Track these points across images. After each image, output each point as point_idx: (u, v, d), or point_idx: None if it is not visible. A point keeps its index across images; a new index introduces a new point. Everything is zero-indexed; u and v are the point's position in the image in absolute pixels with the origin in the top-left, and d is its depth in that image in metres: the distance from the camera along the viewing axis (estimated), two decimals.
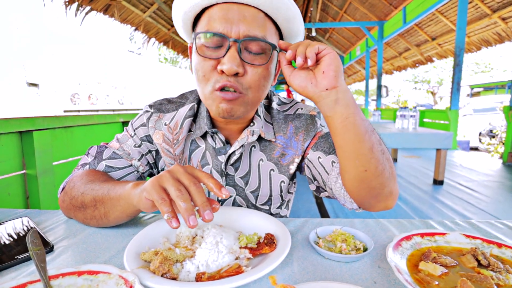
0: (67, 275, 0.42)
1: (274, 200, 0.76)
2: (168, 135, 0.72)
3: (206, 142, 0.72)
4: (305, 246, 0.56)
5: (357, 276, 0.46)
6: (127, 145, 0.73)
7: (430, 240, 0.53)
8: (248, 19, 0.55)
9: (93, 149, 0.73)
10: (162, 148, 0.73)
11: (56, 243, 0.58)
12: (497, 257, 0.48)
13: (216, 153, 0.71)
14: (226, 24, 0.55)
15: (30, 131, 1.39)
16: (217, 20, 0.55)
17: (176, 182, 0.44)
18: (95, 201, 0.58)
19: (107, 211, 0.57)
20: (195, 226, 0.41)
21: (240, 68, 0.55)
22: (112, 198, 0.55)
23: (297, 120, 0.74)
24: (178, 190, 0.43)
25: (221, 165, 0.71)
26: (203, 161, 0.72)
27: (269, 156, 0.73)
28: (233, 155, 0.70)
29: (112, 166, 0.70)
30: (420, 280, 0.41)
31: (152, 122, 0.73)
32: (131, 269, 0.42)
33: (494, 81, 15.14)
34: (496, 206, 2.33)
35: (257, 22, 0.56)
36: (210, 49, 0.57)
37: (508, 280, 0.41)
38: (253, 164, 0.73)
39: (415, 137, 2.85)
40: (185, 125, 0.71)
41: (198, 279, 0.42)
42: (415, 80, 21.22)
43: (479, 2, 5.49)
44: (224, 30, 0.55)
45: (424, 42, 8.10)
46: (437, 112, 5.84)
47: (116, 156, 0.71)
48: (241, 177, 0.73)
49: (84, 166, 0.71)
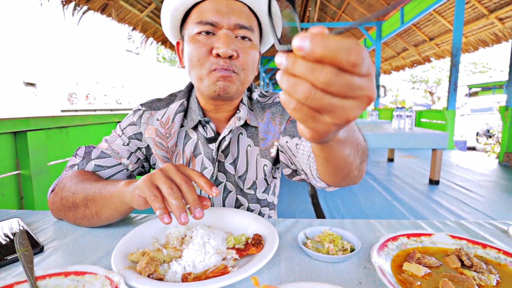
0: (54, 276, 0.42)
1: (259, 184, 0.79)
2: (161, 129, 0.76)
3: (197, 132, 0.75)
4: (294, 246, 0.57)
5: (343, 277, 0.46)
6: (116, 144, 0.75)
7: (416, 241, 0.53)
8: (237, 11, 0.63)
9: (81, 150, 0.74)
10: (155, 141, 0.76)
11: (46, 244, 0.58)
12: (481, 257, 0.49)
13: (207, 142, 0.74)
14: (218, 15, 0.61)
15: (24, 132, 1.39)
16: (209, 12, 0.62)
17: (168, 180, 0.46)
18: (86, 200, 0.59)
19: (99, 210, 0.58)
20: (186, 223, 0.43)
21: (233, 51, 0.61)
22: (104, 196, 0.56)
23: (274, 107, 0.78)
24: (170, 188, 0.45)
25: (212, 153, 0.74)
26: (196, 152, 0.75)
27: (256, 142, 0.77)
28: (223, 142, 0.74)
29: (101, 165, 0.72)
30: (403, 280, 0.41)
31: (144, 119, 0.77)
32: (118, 270, 0.42)
33: (492, 81, 15.20)
34: (490, 206, 2.34)
35: (244, 14, 0.64)
36: (203, 36, 0.63)
37: (490, 280, 0.42)
38: (241, 150, 0.76)
39: (411, 137, 2.86)
40: (177, 120, 0.75)
41: (184, 280, 0.42)
42: (413, 80, 21.26)
43: (476, 3, 5.51)
44: (217, 19, 0.61)
45: (422, 42, 8.13)
46: (434, 112, 5.86)
47: (105, 156, 0.73)
48: (230, 163, 0.76)
49: (73, 167, 0.72)
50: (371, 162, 4.21)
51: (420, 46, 8.34)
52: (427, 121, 5.99)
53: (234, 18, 0.62)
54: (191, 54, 0.64)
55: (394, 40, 9.03)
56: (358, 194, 2.74)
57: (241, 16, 0.63)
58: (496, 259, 0.48)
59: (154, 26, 6.44)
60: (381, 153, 4.98)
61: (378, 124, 4.00)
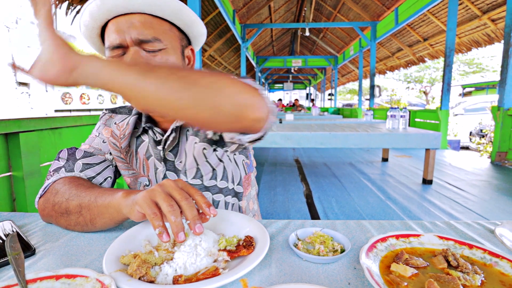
0: (45, 279, 0.42)
1: (203, 169, 0.76)
2: (116, 131, 0.80)
3: (148, 136, 0.78)
4: (285, 248, 0.57)
5: (332, 277, 0.47)
6: (96, 143, 0.79)
7: (404, 242, 0.54)
8: (136, 24, 0.62)
9: (63, 153, 0.75)
10: (109, 142, 0.80)
11: (38, 247, 0.58)
12: (467, 258, 0.50)
13: (156, 144, 0.77)
14: (119, 35, 0.62)
15: (16, 133, 1.38)
16: (112, 34, 0.63)
17: (167, 197, 0.47)
18: (80, 207, 0.59)
19: (94, 218, 0.58)
20: (183, 241, 0.45)
21: None
22: (100, 205, 0.57)
23: None
24: (169, 206, 0.46)
25: (160, 153, 0.76)
26: (147, 154, 0.78)
27: (201, 137, 0.77)
28: (167, 141, 0.75)
29: (88, 163, 0.74)
30: (390, 281, 0.42)
31: (103, 120, 0.83)
32: (109, 273, 0.43)
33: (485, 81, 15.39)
34: (482, 205, 2.38)
35: (145, 25, 0.63)
36: (117, 58, 0.64)
37: (475, 280, 0.43)
38: (189, 147, 0.77)
39: (405, 137, 2.89)
40: (131, 122, 0.78)
41: (175, 282, 0.43)
42: (407, 80, 21.43)
43: (469, 4, 5.57)
44: (120, 39, 0.62)
45: (416, 42, 8.20)
46: (428, 112, 5.92)
47: (90, 154, 0.76)
48: (181, 161, 0.77)
49: (58, 171, 0.72)
50: (366, 162, 4.24)
51: (415, 47, 8.41)
52: (421, 121, 6.05)
53: (135, 33, 0.62)
54: None
55: (388, 40, 9.10)
56: (352, 194, 2.76)
57: (141, 29, 0.62)
58: (482, 259, 0.49)
59: None
60: (376, 153, 5.02)
61: (373, 124, 4.03)
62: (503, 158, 3.94)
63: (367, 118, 5.15)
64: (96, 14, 0.62)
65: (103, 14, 0.62)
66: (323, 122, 4.61)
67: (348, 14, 8.84)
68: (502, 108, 3.84)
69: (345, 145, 2.93)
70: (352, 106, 19.23)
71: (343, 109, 11.69)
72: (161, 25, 0.66)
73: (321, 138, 2.94)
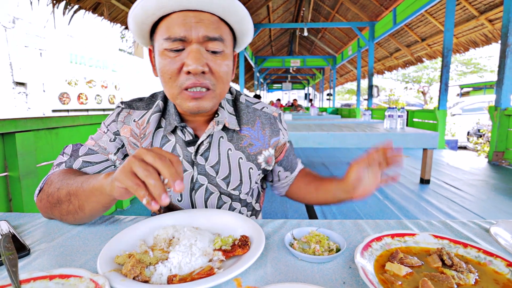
0: (38, 279, 0.42)
1: (244, 185, 0.80)
2: (136, 130, 0.76)
3: (176, 135, 0.76)
4: (281, 247, 0.57)
5: (327, 277, 0.47)
6: (102, 141, 0.76)
7: (400, 241, 0.54)
8: (205, 22, 0.60)
9: (68, 148, 0.75)
10: (129, 141, 0.76)
11: (33, 247, 0.57)
12: (462, 257, 0.50)
13: (186, 145, 0.75)
14: (186, 29, 0.59)
15: (12, 133, 1.37)
16: (176, 26, 0.59)
17: (142, 162, 0.45)
18: (69, 195, 0.59)
19: (82, 204, 0.58)
20: (167, 203, 0.42)
21: (205, 67, 0.60)
22: (85, 190, 0.56)
23: (264, 117, 0.82)
24: (145, 170, 0.44)
25: (190, 156, 0.75)
26: (173, 153, 0.76)
27: (237, 145, 0.78)
28: (201, 146, 0.75)
29: (89, 161, 0.73)
30: (384, 280, 0.42)
31: (121, 117, 0.77)
32: (103, 272, 0.43)
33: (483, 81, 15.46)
34: (479, 204, 2.39)
35: (212, 24, 0.61)
36: (173, 52, 0.61)
37: (469, 279, 0.43)
38: (222, 153, 0.77)
39: (402, 137, 2.89)
40: (152, 120, 0.75)
41: (169, 282, 0.43)
42: (405, 80, 21.48)
43: (466, 4, 5.59)
44: (185, 33, 0.59)
45: (414, 42, 8.22)
46: (426, 112, 5.94)
47: (93, 152, 0.74)
48: (211, 166, 0.76)
49: (60, 165, 0.72)
50: None
51: (412, 47, 8.43)
52: (419, 121, 6.07)
53: (202, 30, 0.60)
54: (162, 70, 0.63)
55: (387, 40, 9.12)
56: None
57: (209, 27, 0.61)
58: (476, 258, 0.49)
59: None
60: None
61: (371, 124, 4.03)
62: (500, 157, 3.95)
63: (365, 118, 5.16)
64: (165, 2, 0.58)
65: (174, 3, 0.58)
66: (321, 122, 4.62)
67: (346, 14, 8.85)
68: (499, 108, 3.85)
69: (343, 145, 2.93)
70: (351, 106, 19.26)
71: (342, 109, 11.70)
72: (224, 27, 0.65)
73: (319, 138, 2.94)
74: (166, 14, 0.61)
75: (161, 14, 0.61)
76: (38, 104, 7.72)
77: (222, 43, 0.63)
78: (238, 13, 0.63)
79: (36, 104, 7.67)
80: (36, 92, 7.67)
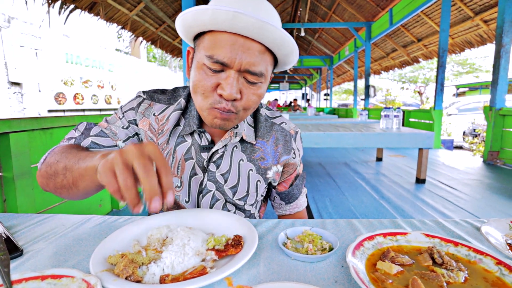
0: (30, 280, 0.42)
1: (250, 197, 0.81)
2: (154, 125, 0.75)
3: (192, 138, 0.76)
4: (274, 247, 0.58)
5: (320, 276, 0.48)
6: (115, 126, 0.75)
7: (392, 240, 0.55)
8: (251, 52, 0.59)
9: (82, 125, 0.74)
10: (146, 135, 0.76)
11: (26, 248, 0.57)
12: (452, 255, 0.51)
13: (201, 150, 0.75)
14: (231, 55, 0.58)
15: (7, 133, 1.36)
16: (223, 48, 0.58)
17: (124, 168, 0.41)
18: (65, 169, 0.58)
19: (76, 181, 0.56)
20: (139, 212, 0.40)
21: (238, 94, 0.61)
22: (80, 167, 0.54)
23: (280, 133, 0.82)
24: (122, 175, 0.41)
25: (203, 161, 0.75)
26: (187, 155, 0.76)
27: (249, 157, 0.78)
28: (216, 153, 0.75)
29: (97, 143, 0.72)
30: (375, 279, 0.43)
31: (142, 108, 0.76)
32: (95, 273, 0.43)
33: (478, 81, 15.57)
34: (473, 204, 2.41)
35: (258, 56, 0.60)
36: (211, 71, 0.61)
37: (458, 277, 0.44)
38: (234, 163, 0.77)
39: (398, 137, 2.91)
40: (171, 118, 0.75)
41: (162, 281, 0.43)
42: (402, 80, 21.58)
43: (461, 5, 5.63)
44: (228, 60, 0.58)
45: (410, 43, 8.26)
46: (422, 112, 5.98)
47: (103, 135, 0.73)
48: (222, 174, 0.77)
49: (70, 140, 0.72)
50: (360, 162, 4.27)
51: (409, 47, 8.47)
52: (415, 121, 6.11)
53: (246, 60, 0.59)
54: (196, 83, 0.63)
55: (383, 41, 9.15)
56: (347, 193, 2.78)
57: (254, 59, 0.59)
58: (467, 257, 0.50)
59: (144, 25, 6.37)
60: (370, 152, 5.05)
61: (367, 124, 4.05)
62: (495, 157, 3.99)
63: (362, 118, 5.18)
64: (220, 21, 0.56)
65: (227, 24, 0.56)
66: (318, 122, 4.63)
67: (343, 14, 8.88)
68: (494, 108, 3.88)
69: (339, 145, 2.95)
70: (348, 106, 19.34)
71: (339, 109, 11.74)
72: (268, 57, 0.63)
73: (316, 138, 2.95)
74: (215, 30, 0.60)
75: (211, 28, 0.59)
76: (33, 104, 7.67)
77: (262, 77, 0.63)
78: (287, 48, 0.62)
79: (31, 104, 7.62)
80: (32, 92, 7.62)
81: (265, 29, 0.55)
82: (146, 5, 5.66)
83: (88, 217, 0.73)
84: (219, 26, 0.57)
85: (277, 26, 0.56)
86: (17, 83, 7.23)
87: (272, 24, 0.54)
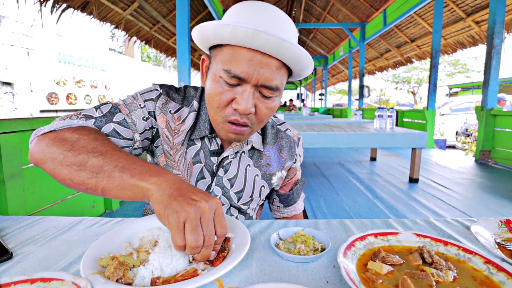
0: (19, 283, 0.41)
1: (254, 201, 0.83)
2: (171, 123, 0.74)
3: (202, 142, 0.76)
4: (267, 248, 0.58)
5: (311, 276, 0.48)
6: (136, 115, 0.69)
7: (383, 240, 0.55)
8: (268, 68, 0.59)
9: (106, 107, 0.68)
10: (162, 132, 0.74)
11: (16, 250, 0.56)
12: (442, 254, 0.51)
13: (210, 154, 0.76)
14: (249, 70, 0.58)
15: None
16: (241, 63, 0.58)
17: (196, 229, 0.44)
18: (100, 170, 0.51)
19: (110, 189, 0.51)
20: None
21: (252, 108, 0.62)
22: (124, 179, 0.50)
23: (285, 139, 0.84)
24: (194, 241, 0.44)
25: (212, 166, 0.76)
26: (195, 158, 0.76)
27: (256, 163, 0.80)
28: (225, 159, 0.76)
29: (118, 132, 0.66)
30: (366, 279, 0.43)
31: (159, 103, 0.73)
32: (86, 275, 0.42)
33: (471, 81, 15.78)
34: (465, 203, 2.44)
35: (275, 72, 0.61)
36: (228, 85, 0.61)
37: (448, 276, 0.44)
38: (241, 168, 0.79)
39: (391, 137, 2.93)
40: (188, 119, 0.75)
41: (153, 284, 0.43)
42: (395, 80, 21.77)
43: (454, 6, 5.70)
44: (246, 75, 0.59)
45: (404, 43, 8.34)
46: (415, 112, 6.04)
47: (125, 124, 0.67)
48: (228, 179, 0.78)
49: (88, 119, 0.64)
50: (354, 161, 4.30)
51: (402, 48, 8.55)
52: (409, 121, 6.16)
53: (263, 76, 0.59)
54: (212, 96, 0.63)
55: (377, 41, 9.23)
56: (341, 193, 2.79)
57: (271, 75, 0.60)
58: (456, 256, 0.51)
59: (137, 25, 6.33)
60: (364, 152, 5.08)
61: (361, 124, 4.08)
62: (487, 156, 4.04)
63: (356, 118, 5.21)
64: (240, 37, 0.56)
65: (246, 41, 0.56)
66: (313, 122, 4.65)
67: (337, 15, 8.92)
68: (485, 108, 3.94)
69: (334, 145, 2.96)
70: (342, 106, 19.43)
71: (333, 109, 11.80)
72: (284, 71, 0.64)
73: (310, 138, 2.96)
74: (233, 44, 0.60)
75: (230, 43, 0.59)
76: (25, 104, 7.57)
77: (276, 91, 0.63)
78: (303, 64, 0.62)
79: (23, 104, 7.51)
80: (23, 92, 7.51)
81: (283, 46, 0.56)
82: (140, 5, 5.62)
83: (79, 219, 0.72)
84: (238, 42, 0.57)
85: (294, 43, 0.56)
86: (8, 83, 7.13)
87: (289, 41, 0.55)
